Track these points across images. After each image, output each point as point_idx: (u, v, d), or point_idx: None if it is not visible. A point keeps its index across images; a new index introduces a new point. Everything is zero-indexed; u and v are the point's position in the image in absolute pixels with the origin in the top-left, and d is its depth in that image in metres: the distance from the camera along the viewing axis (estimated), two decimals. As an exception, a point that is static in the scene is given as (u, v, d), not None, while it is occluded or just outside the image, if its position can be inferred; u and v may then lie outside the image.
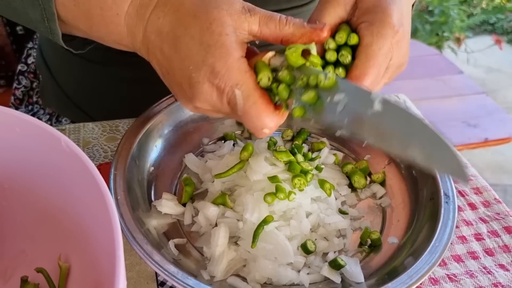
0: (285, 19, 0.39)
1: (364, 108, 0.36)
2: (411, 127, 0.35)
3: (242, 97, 0.38)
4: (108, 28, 0.42)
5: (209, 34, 0.37)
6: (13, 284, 0.39)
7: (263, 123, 0.39)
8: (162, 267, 0.37)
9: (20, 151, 0.39)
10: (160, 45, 0.39)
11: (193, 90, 0.39)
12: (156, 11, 0.40)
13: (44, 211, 0.40)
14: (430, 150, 0.35)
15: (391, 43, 0.39)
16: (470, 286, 0.43)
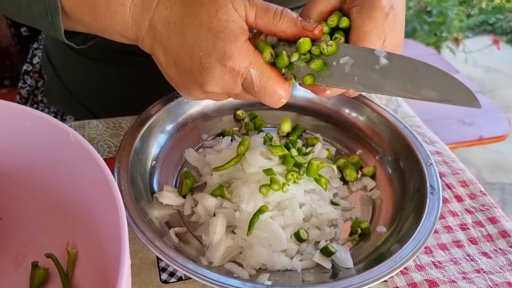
0: (279, 14, 0.41)
1: (371, 65, 0.40)
2: (419, 72, 0.40)
3: (257, 74, 0.41)
4: (112, 18, 0.43)
5: (217, 21, 0.40)
6: (25, 269, 0.41)
7: (280, 94, 0.43)
8: (164, 252, 0.40)
9: (30, 144, 0.42)
10: (167, 35, 0.42)
11: (204, 76, 0.41)
12: (163, 1, 0.42)
13: (53, 201, 0.43)
14: (441, 87, 0.40)
15: (382, 25, 0.42)
16: (454, 272, 0.46)
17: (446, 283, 0.45)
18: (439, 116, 1.30)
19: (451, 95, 0.40)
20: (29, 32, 1.12)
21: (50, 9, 0.43)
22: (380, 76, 0.40)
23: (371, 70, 0.40)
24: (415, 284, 0.44)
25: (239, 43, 0.41)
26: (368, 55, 0.40)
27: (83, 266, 0.41)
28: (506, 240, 0.50)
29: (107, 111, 0.69)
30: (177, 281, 0.43)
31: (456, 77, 0.40)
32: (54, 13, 0.43)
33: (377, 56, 0.40)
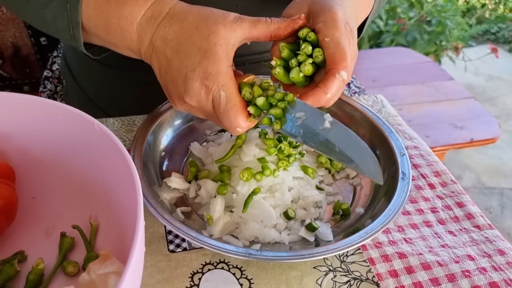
0: (270, 20, 0.49)
1: (317, 124, 0.49)
2: (349, 142, 0.49)
3: (225, 98, 0.47)
4: (122, 35, 0.52)
5: (207, 43, 0.47)
6: (54, 238, 0.49)
7: (238, 123, 0.49)
8: (172, 224, 0.47)
9: (60, 134, 0.50)
10: (163, 49, 0.49)
11: (186, 86, 0.48)
12: (164, 22, 0.50)
13: (78, 181, 0.51)
14: (360, 160, 0.49)
15: (345, 32, 0.49)
16: (422, 247, 0.53)
17: (414, 255, 0.52)
18: (431, 120, 1.37)
19: (364, 168, 0.49)
20: (48, 41, 1.21)
21: (72, 24, 0.52)
22: (319, 136, 0.49)
23: (315, 129, 0.49)
24: (387, 256, 0.52)
25: (221, 65, 0.47)
26: (318, 116, 0.49)
27: (103, 235, 0.49)
28: (471, 221, 0.57)
29: (120, 112, 0.76)
30: (182, 251, 0.51)
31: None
32: (75, 27, 0.52)
33: (325, 119, 0.49)
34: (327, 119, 0.49)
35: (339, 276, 0.49)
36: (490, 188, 2.28)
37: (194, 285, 0.48)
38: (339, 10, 0.49)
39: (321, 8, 0.50)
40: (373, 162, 0.50)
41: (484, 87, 3.14)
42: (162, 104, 0.63)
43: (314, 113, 0.49)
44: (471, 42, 3.47)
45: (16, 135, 0.51)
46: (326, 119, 0.49)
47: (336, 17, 0.49)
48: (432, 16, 2.50)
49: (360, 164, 0.49)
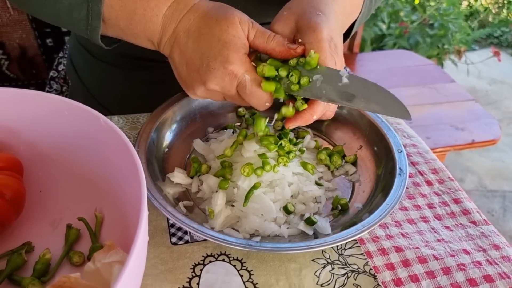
0: (272, 37, 0.52)
1: (336, 82, 0.51)
2: (370, 90, 0.52)
3: (249, 81, 0.51)
4: (146, 25, 0.54)
5: (226, 34, 0.51)
6: (61, 230, 0.50)
7: (266, 99, 0.53)
8: (174, 216, 0.49)
9: (67, 128, 0.51)
10: (186, 40, 0.52)
11: (209, 74, 0.51)
12: (188, 14, 0.53)
13: (84, 175, 0.53)
14: (384, 103, 0.52)
15: (330, 52, 0.52)
16: (419, 241, 0.54)
17: (411, 249, 0.53)
18: (432, 122, 1.38)
19: (390, 109, 0.52)
20: (54, 43, 1.23)
21: (92, 14, 0.53)
22: (340, 92, 0.52)
23: (335, 86, 0.51)
24: (384, 249, 0.53)
25: (240, 54, 0.51)
26: (334, 74, 0.52)
27: (108, 227, 0.50)
28: (467, 217, 0.58)
29: (125, 111, 0.78)
30: (184, 243, 0.52)
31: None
32: (95, 17, 0.53)
33: (341, 76, 0.51)
34: (343, 75, 0.51)
35: (337, 269, 0.51)
36: (492, 191, 2.29)
37: (195, 276, 0.49)
38: (324, 28, 0.52)
39: (306, 26, 0.53)
40: (397, 103, 0.52)
41: (487, 90, 3.15)
42: (166, 102, 0.65)
43: (329, 72, 0.52)
44: (474, 45, 3.48)
45: (24, 130, 0.53)
46: (342, 75, 0.51)
47: (320, 38, 0.51)
48: (435, 20, 2.52)
49: (386, 107, 0.52)
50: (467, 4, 3.62)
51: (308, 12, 0.54)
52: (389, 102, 0.52)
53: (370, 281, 0.50)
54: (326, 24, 0.53)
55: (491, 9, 3.71)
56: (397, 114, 0.52)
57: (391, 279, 0.50)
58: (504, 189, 2.29)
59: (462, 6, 3.40)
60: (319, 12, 0.54)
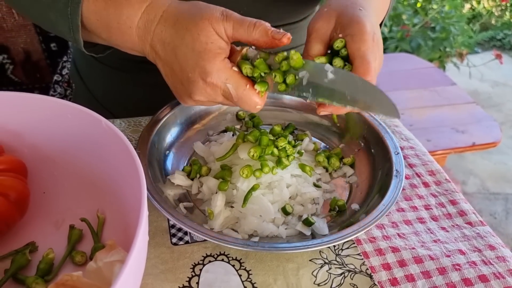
0: (252, 26, 0.49)
1: (321, 78, 0.49)
2: (356, 85, 0.48)
3: (233, 88, 0.50)
4: (123, 37, 0.54)
5: (199, 43, 0.49)
6: (63, 230, 0.52)
7: (255, 102, 0.51)
8: (174, 217, 0.50)
9: (70, 131, 0.53)
10: (164, 52, 0.51)
11: (192, 87, 0.50)
12: (160, 26, 0.51)
13: (86, 177, 0.54)
14: (372, 100, 0.48)
15: (372, 46, 0.50)
16: (415, 242, 0.55)
17: (407, 249, 0.54)
18: (433, 125, 1.39)
19: (379, 107, 0.48)
20: (58, 47, 1.24)
21: (72, 28, 0.54)
22: (326, 89, 0.49)
23: (321, 83, 0.49)
24: (380, 250, 0.54)
25: (217, 61, 0.49)
26: (319, 70, 0.49)
27: (110, 228, 0.52)
28: (463, 218, 0.59)
29: (127, 113, 0.79)
30: (184, 244, 0.53)
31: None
32: (75, 31, 0.54)
33: (326, 71, 0.48)
34: (328, 70, 0.49)
35: (334, 269, 0.52)
36: (494, 193, 2.29)
37: (195, 275, 0.50)
38: (367, 22, 0.51)
39: (349, 20, 0.51)
40: (385, 99, 0.48)
41: (490, 93, 3.15)
42: (167, 105, 0.66)
43: (314, 68, 0.50)
44: (477, 48, 3.49)
45: (28, 133, 0.54)
46: (327, 70, 0.49)
47: (364, 30, 0.50)
48: (437, 23, 2.53)
49: (373, 105, 0.48)
50: (469, 7, 3.63)
51: (349, 7, 0.53)
52: (376, 99, 0.48)
53: (367, 281, 0.51)
54: (369, 18, 0.52)
55: (493, 12, 3.72)
56: (385, 113, 0.48)
57: (387, 279, 0.51)
58: (506, 192, 2.29)
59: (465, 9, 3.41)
60: (361, 7, 0.53)
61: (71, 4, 0.52)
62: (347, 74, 0.49)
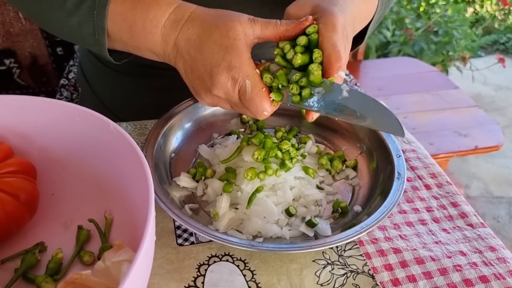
0: (279, 22, 0.54)
1: (336, 95, 0.52)
2: (367, 104, 0.52)
3: (250, 86, 0.52)
4: (146, 37, 0.56)
5: (227, 39, 0.52)
6: (72, 231, 0.53)
7: (264, 107, 0.53)
8: (180, 217, 0.51)
9: (78, 134, 0.54)
10: (187, 49, 0.54)
11: (213, 80, 0.53)
12: (187, 24, 0.54)
13: (94, 179, 0.55)
14: (380, 119, 0.52)
15: (342, 34, 0.53)
16: (416, 243, 0.56)
17: (408, 250, 0.55)
18: (436, 128, 1.40)
19: (386, 126, 0.53)
20: (64, 51, 1.26)
21: (98, 29, 0.56)
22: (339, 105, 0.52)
23: (335, 100, 0.52)
24: (382, 251, 0.55)
25: (243, 57, 0.52)
26: (336, 88, 0.52)
27: (117, 228, 0.53)
28: (464, 220, 0.60)
29: (133, 117, 0.80)
30: (190, 244, 0.54)
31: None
32: (100, 32, 0.56)
33: (342, 90, 0.52)
34: (344, 89, 0.52)
35: (337, 269, 0.52)
36: (498, 197, 2.29)
37: (200, 275, 0.51)
38: (339, 15, 0.54)
39: (323, 11, 0.54)
40: (392, 119, 0.53)
41: (493, 97, 3.15)
42: (173, 108, 0.67)
43: (330, 86, 0.52)
44: (480, 52, 3.49)
45: (37, 136, 0.56)
46: (343, 89, 0.52)
47: (336, 21, 0.53)
48: (439, 27, 2.54)
49: (381, 123, 0.53)
50: (472, 11, 3.63)
51: (326, 2, 0.55)
52: (385, 120, 0.53)
53: (369, 281, 0.51)
54: (342, 14, 0.54)
55: (497, 16, 3.73)
56: (391, 131, 0.53)
57: (389, 279, 0.52)
58: (510, 196, 2.29)
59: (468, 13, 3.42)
60: (337, 4, 0.55)
61: (98, 7, 0.55)
62: (360, 95, 0.53)
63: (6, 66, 1.26)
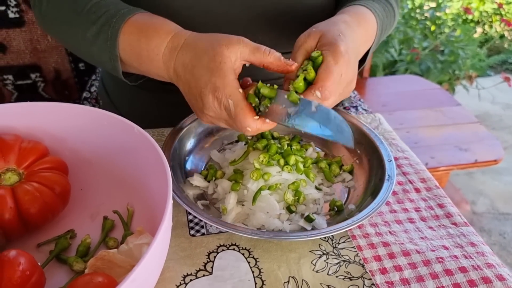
0: (268, 51, 0.58)
1: (307, 111, 0.56)
2: (329, 119, 0.57)
3: (233, 105, 0.57)
4: (151, 64, 0.64)
5: (213, 63, 0.57)
6: (98, 221, 0.60)
7: (247, 123, 0.57)
8: (192, 209, 0.58)
9: (105, 136, 0.62)
10: (184, 74, 0.60)
11: (203, 101, 0.58)
12: (181, 51, 0.61)
13: (118, 175, 0.63)
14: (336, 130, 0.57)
15: (341, 64, 0.59)
16: (404, 238, 0.62)
17: (396, 244, 0.61)
18: (437, 143, 1.46)
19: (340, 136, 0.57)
20: (85, 67, 1.35)
21: (112, 57, 0.65)
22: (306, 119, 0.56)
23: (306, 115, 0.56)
24: (373, 244, 0.61)
25: (227, 79, 0.56)
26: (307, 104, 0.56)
27: (138, 219, 0.60)
28: (449, 220, 0.66)
29: (149, 128, 0.87)
30: (201, 235, 0.61)
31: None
32: (115, 60, 0.65)
33: (311, 105, 0.56)
34: (313, 105, 0.56)
35: (331, 259, 0.59)
36: (504, 214, 2.32)
37: (210, 261, 0.58)
38: (342, 44, 0.60)
39: (328, 41, 0.60)
40: (346, 132, 0.58)
41: (501, 115, 3.20)
42: (187, 117, 0.75)
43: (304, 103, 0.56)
44: (489, 71, 3.55)
45: (69, 138, 0.63)
46: (313, 105, 0.56)
47: (338, 50, 0.59)
48: (446, 46, 2.61)
49: (336, 135, 0.57)
50: (481, 31, 3.70)
51: (331, 31, 0.62)
52: (340, 132, 0.57)
53: (359, 269, 0.58)
54: (344, 42, 0.61)
55: (506, 36, 3.79)
56: (343, 141, 0.58)
57: (378, 268, 0.58)
58: (516, 212, 2.31)
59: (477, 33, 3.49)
60: (341, 34, 0.62)
61: (110, 39, 0.64)
62: (326, 110, 0.57)
63: (32, 80, 1.35)
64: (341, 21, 0.66)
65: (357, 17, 0.70)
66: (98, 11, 0.66)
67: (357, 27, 0.68)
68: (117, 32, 0.63)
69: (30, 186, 0.55)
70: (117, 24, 0.64)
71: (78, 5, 0.67)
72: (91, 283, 0.45)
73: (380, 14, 0.75)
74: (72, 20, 0.68)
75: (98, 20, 0.65)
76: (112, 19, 0.64)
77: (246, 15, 0.78)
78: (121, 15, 0.64)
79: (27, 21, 1.22)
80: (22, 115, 0.62)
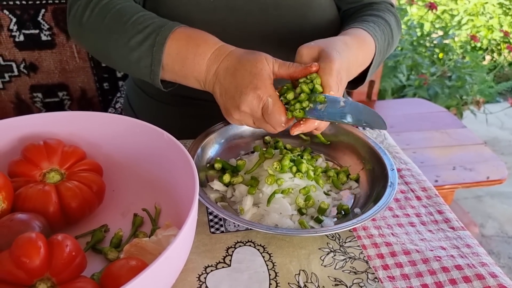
0: (291, 65, 0.69)
1: (336, 106, 0.66)
2: (359, 109, 0.66)
3: (271, 103, 0.66)
4: (194, 67, 0.72)
5: (255, 68, 0.67)
6: (129, 218, 0.67)
7: (282, 120, 0.68)
8: (214, 207, 0.65)
9: (137, 143, 0.69)
10: (224, 75, 0.69)
11: (242, 98, 0.67)
12: (227, 58, 0.70)
13: (148, 177, 0.70)
14: (369, 119, 0.66)
15: (336, 79, 0.68)
16: (405, 239, 0.68)
17: (398, 244, 0.67)
18: (442, 163, 1.51)
19: (373, 124, 0.66)
20: (109, 86, 1.44)
21: (154, 62, 0.72)
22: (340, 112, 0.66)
23: (335, 109, 0.66)
24: (376, 244, 0.67)
25: (267, 82, 0.67)
26: (335, 101, 0.67)
27: (164, 216, 0.67)
28: (447, 224, 0.72)
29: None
30: (220, 233, 0.68)
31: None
32: (157, 64, 0.72)
33: (339, 101, 0.66)
34: (341, 100, 0.66)
35: (338, 255, 0.65)
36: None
37: (228, 255, 0.64)
38: (336, 61, 0.68)
39: (325, 57, 0.69)
40: (378, 118, 0.66)
41: (510, 140, 3.23)
42: (209, 128, 0.82)
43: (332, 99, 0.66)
44: (498, 98, 3.61)
45: (104, 143, 0.71)
46: (340, 100, 0.66)
47: (333, 66, 0.68)
48: (453, 72, 2.68)
49: (370, 122, 0.66)
50: (490, 58, 3.78)
51: (330, 47, 0.70)
52: (373, 119, 0.66)
53: (364, 265, 0.64)
54: (339, 60, 0.69)
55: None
56: (378, 126, 0.66)
57: (380, 265, 0.64)
58: (525, 235, 2.33)
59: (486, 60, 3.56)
60: (338, 51, 0.70)
61: (157, 44, 0.72)
62: (354, 103, 0.67)
63: (59, 98, 1.44)
64: (341, 41, 0.74)
65: (357, 39, 0.79)
66: (144, 22, 0.74)
67: (356, 49, 0.76)
68: (165, 39, 0.71)
69: (71, 184, 0.63)
70: (165, 33, 0.72)
71: (123, 16, 0.75)
72: (127, 265, 0.52)
73: (379, 38, 0.82)
74: (116, 29, 0.76)
75: (145, 30, 0.73)
76: (160, 29, 0.72)
77: (259, 33, 0.87)
78: (169, 26, 0.73)
79: (58, 44, 1.32)
80: (64, 123, 0.70)
